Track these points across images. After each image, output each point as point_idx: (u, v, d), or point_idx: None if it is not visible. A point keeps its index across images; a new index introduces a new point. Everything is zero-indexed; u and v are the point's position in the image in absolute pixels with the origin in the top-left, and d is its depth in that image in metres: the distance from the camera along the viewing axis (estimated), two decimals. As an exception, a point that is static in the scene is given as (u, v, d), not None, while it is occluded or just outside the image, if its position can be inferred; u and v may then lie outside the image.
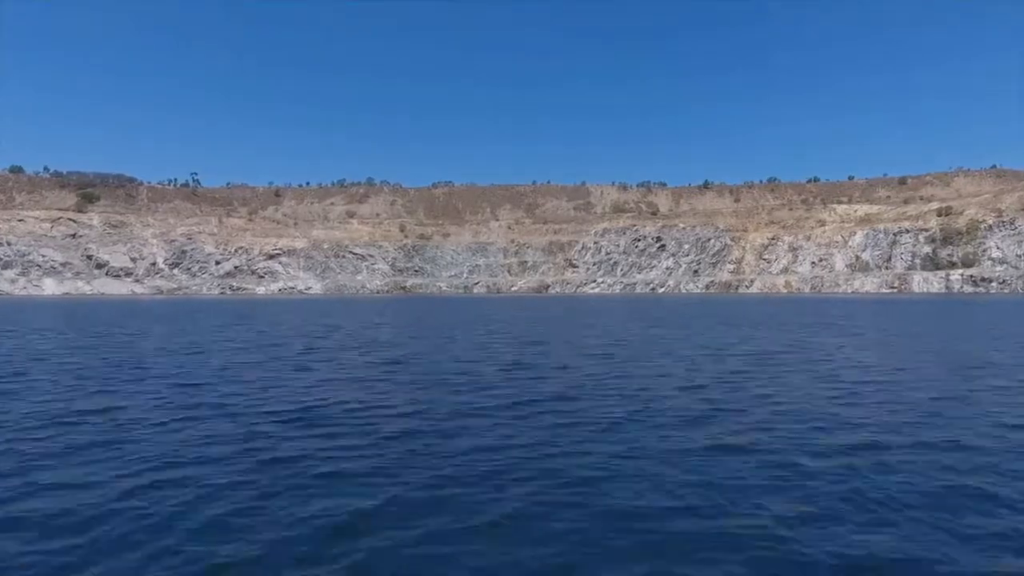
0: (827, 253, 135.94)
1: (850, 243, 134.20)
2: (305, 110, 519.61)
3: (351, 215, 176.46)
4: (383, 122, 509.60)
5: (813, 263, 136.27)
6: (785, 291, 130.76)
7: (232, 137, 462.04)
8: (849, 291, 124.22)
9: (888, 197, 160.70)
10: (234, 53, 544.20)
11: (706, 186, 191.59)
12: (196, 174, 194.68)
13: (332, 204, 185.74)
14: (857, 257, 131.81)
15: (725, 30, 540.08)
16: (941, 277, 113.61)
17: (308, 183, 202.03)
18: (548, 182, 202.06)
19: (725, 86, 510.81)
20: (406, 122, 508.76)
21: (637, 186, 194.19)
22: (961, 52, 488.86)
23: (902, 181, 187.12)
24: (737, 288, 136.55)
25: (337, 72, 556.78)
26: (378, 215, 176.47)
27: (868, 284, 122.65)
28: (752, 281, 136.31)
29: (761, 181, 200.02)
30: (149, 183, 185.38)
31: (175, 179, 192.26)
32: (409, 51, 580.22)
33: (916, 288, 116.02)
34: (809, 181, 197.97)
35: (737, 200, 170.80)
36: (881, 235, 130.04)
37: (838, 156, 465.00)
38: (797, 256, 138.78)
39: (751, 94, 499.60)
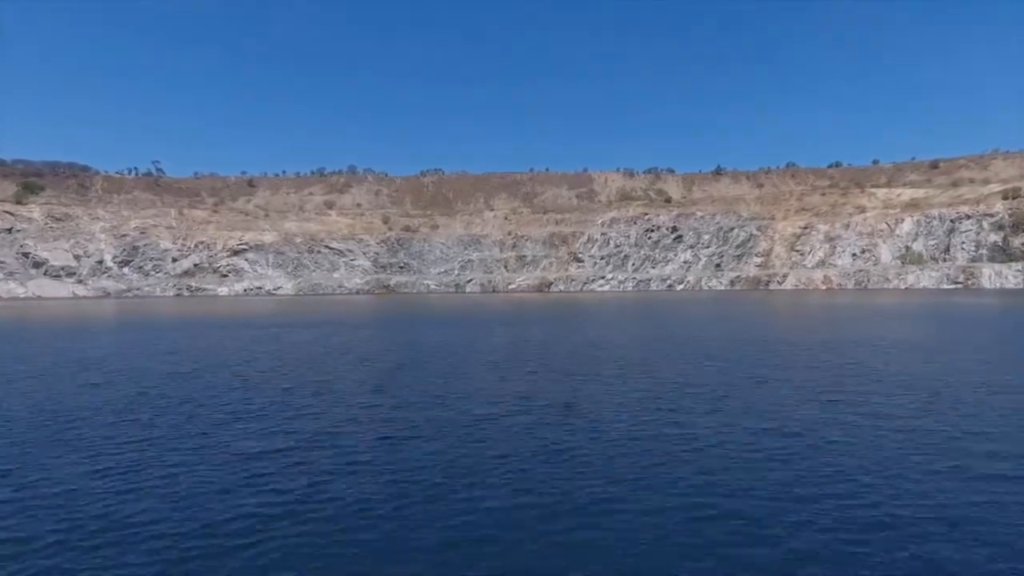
0: (870, 243, 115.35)
1: (897, 231, 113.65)
2: (286, 99, 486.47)
3: (330, 206, 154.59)
4: (369, 111, 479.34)
5: (854, 255, 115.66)
6: (824, 287, 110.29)
7: (212, 130, 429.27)
8: (902, 287, 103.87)
9: (929, 180, 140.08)
10: (222, 45, 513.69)
11: (720, 172, 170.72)
12: (159, 162, 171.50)
13: (310, 194, 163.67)
14: (907, 247, 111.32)
15: (727, 22, 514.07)
16: (1018, 270, 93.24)
17: (284, 172, 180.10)
18: (547, 170, 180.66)
19: (730, 76, 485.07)
20: (394, 110, 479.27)
21: (644, 172, 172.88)
22: (966, 42, 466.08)
23: (933, 165, 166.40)
24: (768, 284, 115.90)
25: (322, 61, 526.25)
26: (359, 206, 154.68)
27: (925, 279, 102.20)
28: (785, 276, 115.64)
29: (778, 167, 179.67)
30: (106, 172, 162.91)
31: (136, 168, 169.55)
32: (401, 40, 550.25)
33: (987, 283, 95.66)
34: (831, 166, 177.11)
35: (760, 185, 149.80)
36: (935, 222, 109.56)
37: (844, 144, 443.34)
38: (835, 247, 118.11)
39: (758, 83, 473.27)
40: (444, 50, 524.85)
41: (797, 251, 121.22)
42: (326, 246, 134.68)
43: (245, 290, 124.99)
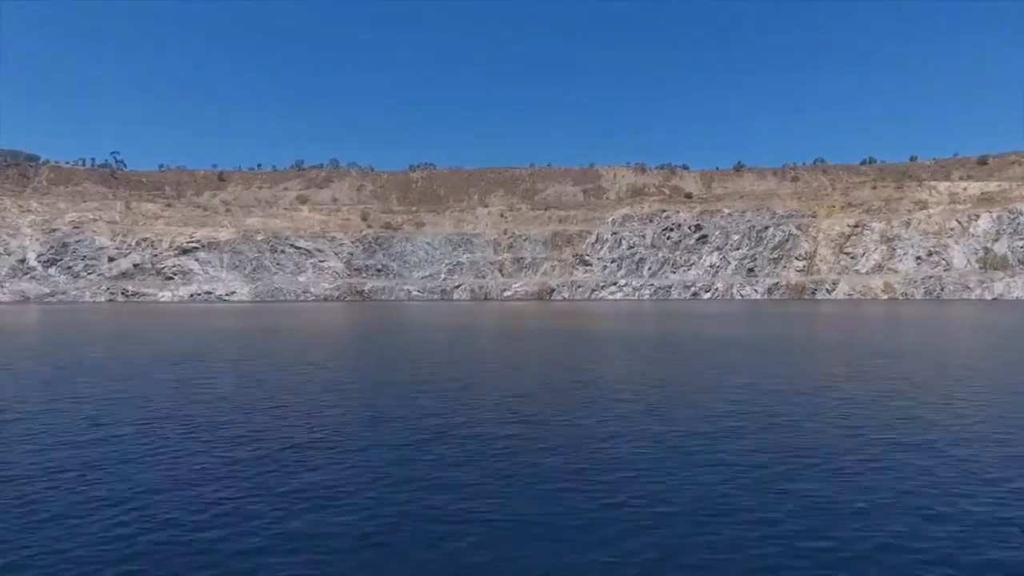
0: (938, 245, 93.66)
1: (971, 230, 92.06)
2: (269, 89, 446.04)
3: (303, 201, 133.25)
4: (357, 105, 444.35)
5: (919, 258, 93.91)
6: (885, 297, 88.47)
7: (197, 125, 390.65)
8: (988, 297, 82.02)
9: (992, 175, 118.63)
10: (212, 37, 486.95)
11: (742, 168, 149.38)
12: (118, 153, 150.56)
13: (285, 190, 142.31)
14: (986, 249, 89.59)
15: (729, 21, 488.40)
16: None
17: (260, 166, 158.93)
18: (548, 165, 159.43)
19: (740, 66, 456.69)
20: (385, 104, 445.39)
21: (658, 168, 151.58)
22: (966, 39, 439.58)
23: (982, 161, 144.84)
24: (814, 292, 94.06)
25: (309, 49, 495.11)
26: (336, 200, 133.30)
27: (1019, 287, 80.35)
28: (834, 283, 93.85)
29: (805, 163, 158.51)
30: (55, 162, 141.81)
31: (93, 159, 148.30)
32: (393, 27, 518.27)
33: (1107, 293, 73.77)
34: (864, 162, 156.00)
35: (795, 179, 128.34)
36: (1023, 219, 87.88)
37: (865, 143, 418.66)
38: (894, 249, 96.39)
39: (772, 74, 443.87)
40: (442, 43, 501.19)
41: (847, 254, 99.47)
42: (291, 245, 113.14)
43: (192, 295, 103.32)
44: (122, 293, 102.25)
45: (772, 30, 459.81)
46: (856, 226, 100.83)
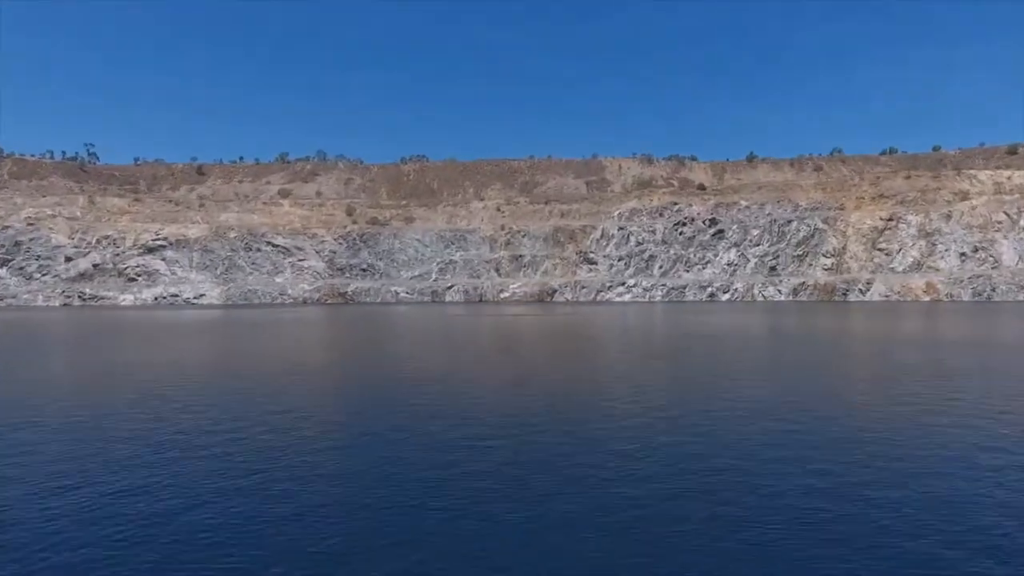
0: (985, 240, 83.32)
1: (1022, 223, 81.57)
2: (255, 81, 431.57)
3: (285, 195, 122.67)
4: (346, 93, 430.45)
5: (963, 255, 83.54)
6: (927, 298, 78.17)
7: (185, 121, 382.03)
8: (1049, 299, 71.72)
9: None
10: (205, 34, 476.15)
11: (754, 159, 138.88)
12: (92, 146, 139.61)
13: (268, 184, 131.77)
14: (1041, 244, 79.29)
15: (729, 23, 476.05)
16: None
17: (241, 159, 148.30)
18: (549, 157, 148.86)
19: (743, 63, 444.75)
20: (376, 98, 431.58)
21: (665, 159, 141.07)
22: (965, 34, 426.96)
23: (1011, 150, 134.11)
24: (845, 293, 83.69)
25: (301, 41, 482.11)
26: (320, 195, 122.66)
27: (1085, 287, 69.95)
28: (868, 283, 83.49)
29: (822, 155, 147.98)
30: (20, 155, 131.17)
31: (64, 152, 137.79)
32: (388, 17, 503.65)
33: None
34: (884, 153, 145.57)
35: (819, 168, 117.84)
36: (1083, 209, 77.59)
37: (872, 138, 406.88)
38: (935, 245, 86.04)
39: (776, 70, 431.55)
40: (438, 33, 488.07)
41: (880, 250, 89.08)
42: (268, 243, 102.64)
43: (156, 298, 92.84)
44: (79, 296, 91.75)
45: (774, 27, 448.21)
46: (890, 219, 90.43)
